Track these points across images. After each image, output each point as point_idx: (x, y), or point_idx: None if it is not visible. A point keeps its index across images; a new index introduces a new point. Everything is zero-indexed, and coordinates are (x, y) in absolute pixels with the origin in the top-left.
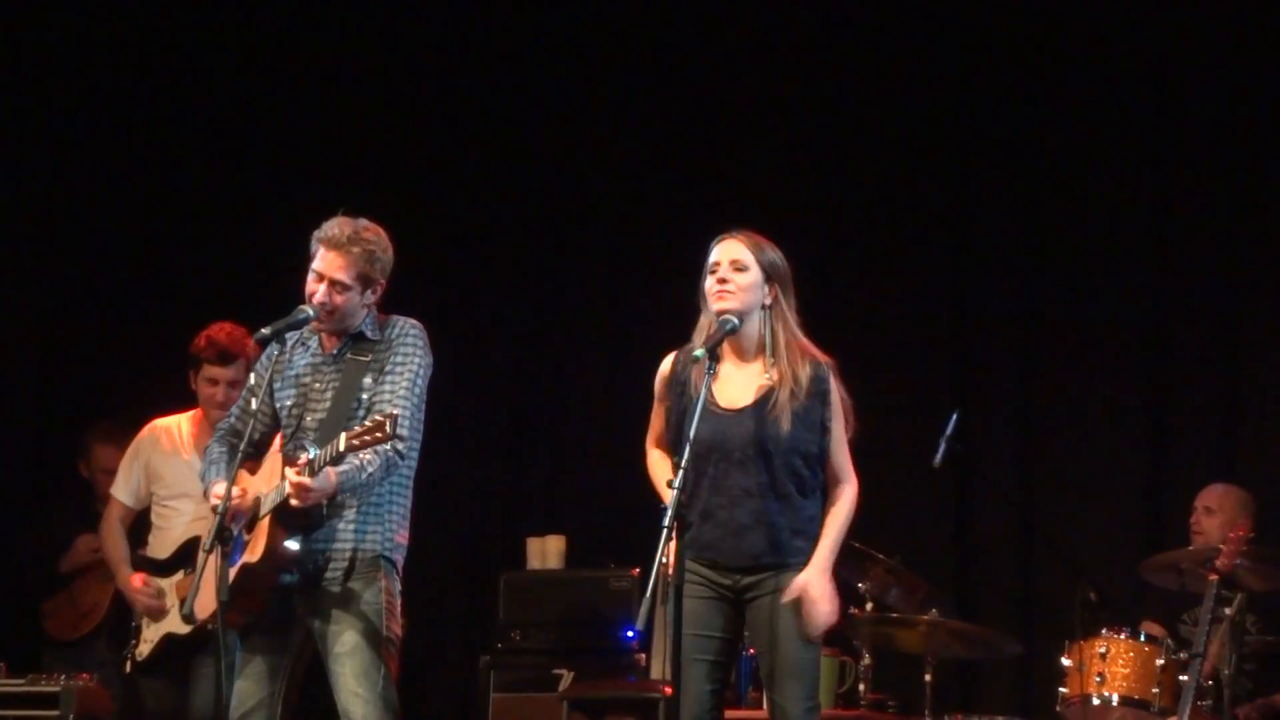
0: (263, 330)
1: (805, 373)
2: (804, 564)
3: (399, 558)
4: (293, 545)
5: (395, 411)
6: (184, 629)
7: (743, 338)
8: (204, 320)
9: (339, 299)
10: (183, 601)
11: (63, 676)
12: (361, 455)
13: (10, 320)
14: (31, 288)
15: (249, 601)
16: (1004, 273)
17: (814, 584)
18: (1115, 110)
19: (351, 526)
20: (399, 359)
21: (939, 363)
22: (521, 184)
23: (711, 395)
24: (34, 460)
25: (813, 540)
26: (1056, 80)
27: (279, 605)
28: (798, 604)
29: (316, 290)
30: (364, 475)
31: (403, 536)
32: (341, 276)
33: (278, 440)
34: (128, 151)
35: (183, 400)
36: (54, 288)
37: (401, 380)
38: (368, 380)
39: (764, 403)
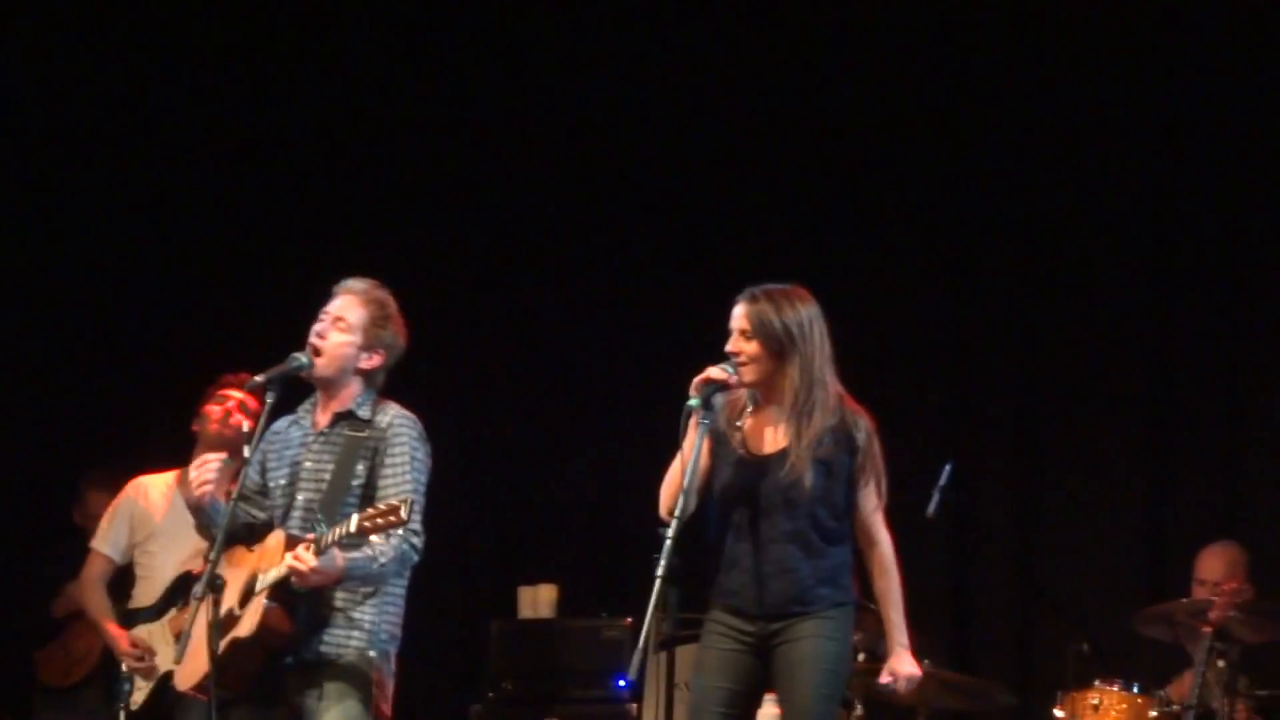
0: (255, 378)
1: (831, 423)
2: (827, 610)
3: (393, 649)
4: (289, 625)
5: (406, 492)
6: None
7: (773, 390)
8: (200, 366)
9: (336, 337)
10: (178, 636)
11: None
12: (375, 545)
13: (5, 365)
14: (27, 332)
15: (233, 678)
16: (1001, 320)
17: (903, 665)
18: (1116, 153)
19: (352, 614)
20: (397, 452)
21: (935, 411)
22: (516, 232)
23: (745, 441)
24: (28, 506)
25: (839, 588)
26: (1057, 121)
27: (267, 684)
28: (816, 653)
29: (316, 326)
30: (375, 565)
31: (397, 626)
32: (348, 315)
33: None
34: (130, 197)
35: (178, 447)
36: (50, 333)
37: (404, 476)
38: (360, 467)
39: (789, 452)
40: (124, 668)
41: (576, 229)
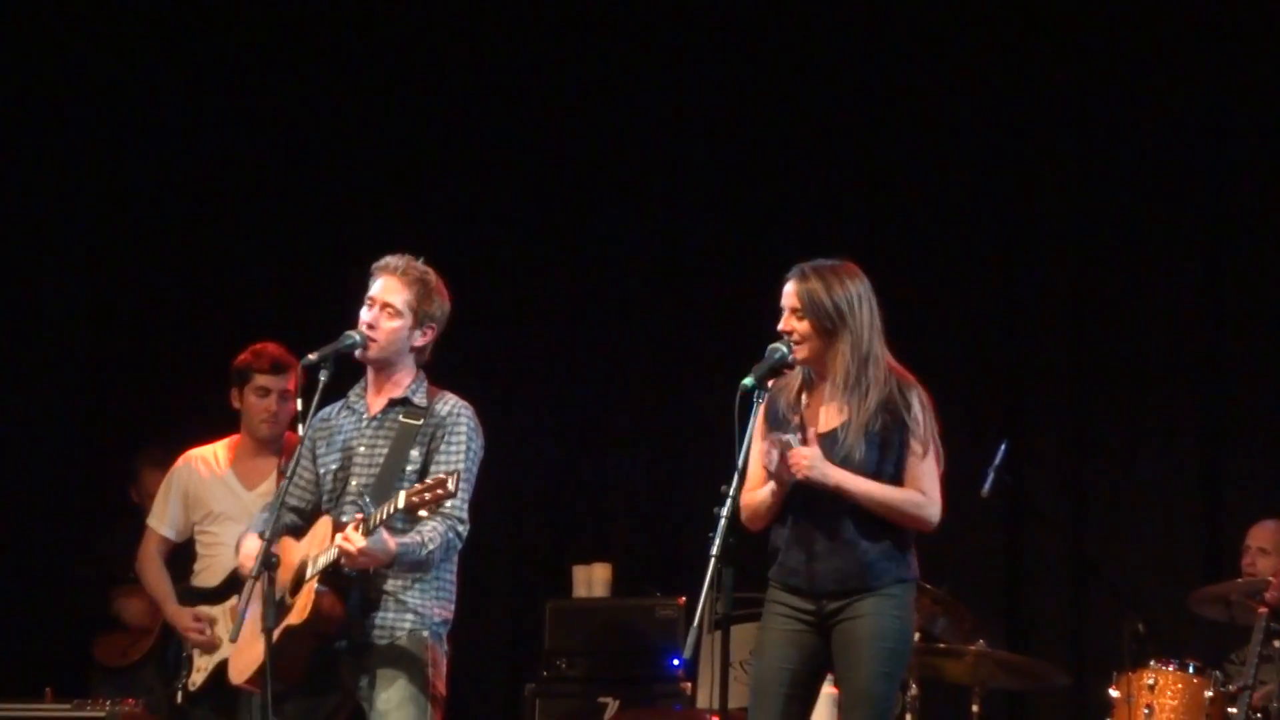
0: (309, 356)
1: (883, 395)
2: (889, 587)
3: (445, 631)
4: (341, 610)
5: (459, 468)
6: None
7: (825, 367)
8: (250, 342)
9: (387, 324)
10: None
11: (108, 702)
12: (423, 532)
13: (60, 347)
14: (81, 313)
15: (287, 668)
16: (1056, 299)
17: (815, 458)
18: (1169, 134)
19: (404, 595)
20: (453, 440)
21: (989, 391)
22: (570, 211)
23: (803, 422)
24: (85, 486)
25: (902, 564)
26: (1109, 104)
27: (320, 671)
28: (877, 631)
29: (366, 316)
30: (424, 552)
31: (449, 610)
32: (394, 300)
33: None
34: (177, 177)
35: (230, 424)
36: (103, 312)
37: (458, 461)
38: (415, 452)
39: (844, 427)
40: (187, 644)
41: (631, 206)
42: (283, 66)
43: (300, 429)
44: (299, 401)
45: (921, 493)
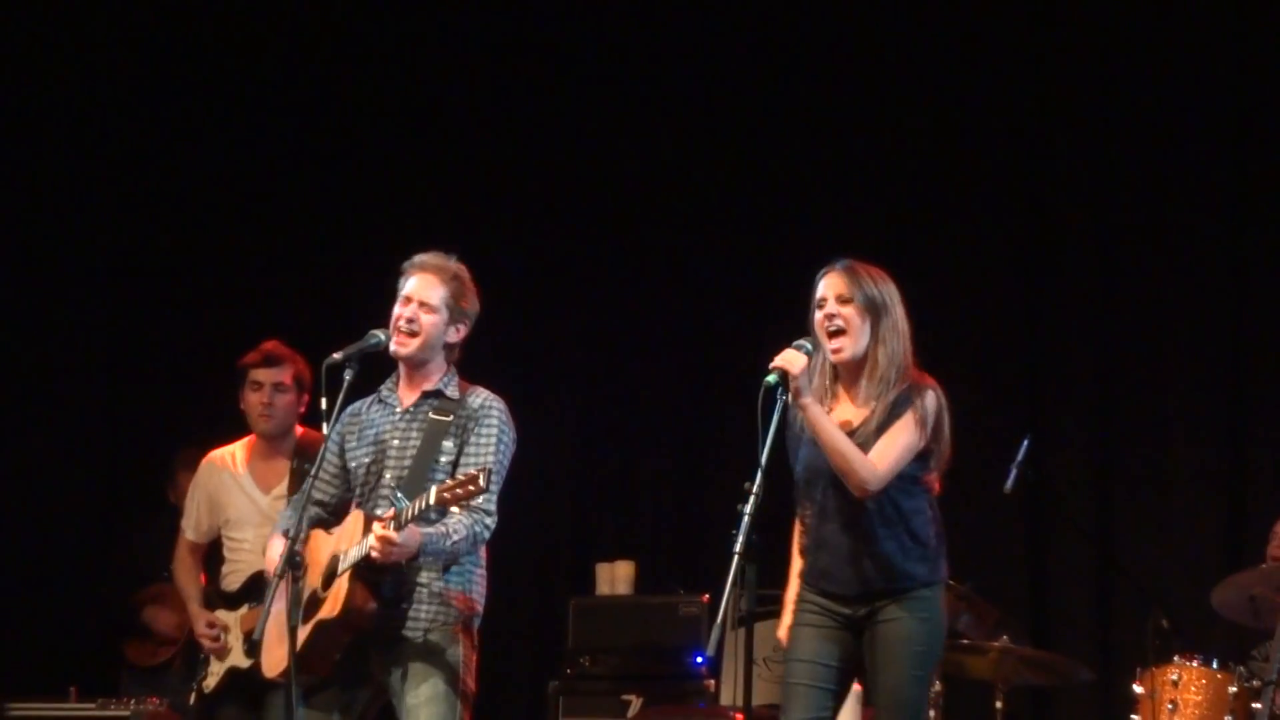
0: (334, 355)
1: (900, 393)
2: (918, 590)
3: (476, 623)
4: (374, 604)
5: (488, 465)
6: (246, 662)
7: (852, 366)
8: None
9: (426, 320)
10: (248, 635)
11: (133, 701)
12: (449, 522)
13: (90, 344)
14: (112, 307)
15: (319, 661)
16: (1078, 294)
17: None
18: (1193, 133)
19: (436, 588)
20: (485, 432)
21: (1012, 386)
22: (595, 206)
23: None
24: (115, 484)
25: (927, 562)
26: (1133, 102)
27: (350, 664)
28: (907, 634)
29: (404, 312)
30: (448, 543)
31: (480, 603)
32: (431, 298)
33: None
34: (198, 176)
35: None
36: (134, 307)
37: (489, 454)
38: (448, 444)
39: (860, 428)
40: (201, 646)
41: (656, 205)
42: (307, 69)
43: (325, 428)
44: (323, 400)
45: (871, 459)
